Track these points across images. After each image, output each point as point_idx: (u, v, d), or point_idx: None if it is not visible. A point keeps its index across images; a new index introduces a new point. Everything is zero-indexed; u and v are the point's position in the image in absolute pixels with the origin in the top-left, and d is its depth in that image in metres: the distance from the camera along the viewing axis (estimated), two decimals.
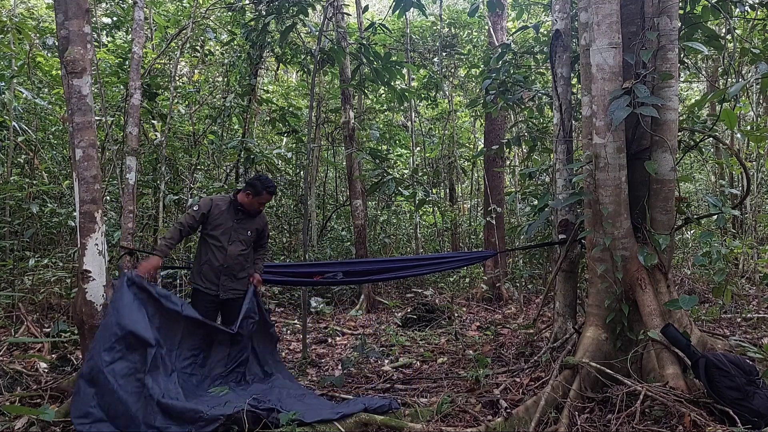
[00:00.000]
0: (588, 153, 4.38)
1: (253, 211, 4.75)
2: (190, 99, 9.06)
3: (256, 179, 4.75)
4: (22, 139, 7.49)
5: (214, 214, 4.67)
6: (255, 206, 4.73)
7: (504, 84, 6.61)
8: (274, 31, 7.84)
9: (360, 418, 3.71)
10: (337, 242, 11.53)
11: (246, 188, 4.75)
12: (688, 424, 3.32)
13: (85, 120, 4.27)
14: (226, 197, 4.83)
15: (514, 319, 7.76)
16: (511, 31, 9.49)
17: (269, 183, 4.74)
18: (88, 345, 4.32)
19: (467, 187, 14.80)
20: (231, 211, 4.72)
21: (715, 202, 4.68)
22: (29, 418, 3.83)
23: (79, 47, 4.23)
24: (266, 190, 4.69)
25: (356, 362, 5.42)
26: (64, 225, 7.56)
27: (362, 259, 8.27)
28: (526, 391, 4.32)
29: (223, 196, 4.87)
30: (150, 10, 9.03)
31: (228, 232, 4.66)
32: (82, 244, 4.25)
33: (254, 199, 4.69)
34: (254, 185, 4.69)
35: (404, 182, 7.56)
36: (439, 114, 13.01)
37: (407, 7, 6.36)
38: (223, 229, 4.66)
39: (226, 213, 4.70)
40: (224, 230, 4.66)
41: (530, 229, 5.90)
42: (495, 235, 9.10)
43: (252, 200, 4.69)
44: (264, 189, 4.68)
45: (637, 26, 4.42)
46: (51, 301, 6.81)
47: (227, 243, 4.65)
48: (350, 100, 9.12)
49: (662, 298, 4.20)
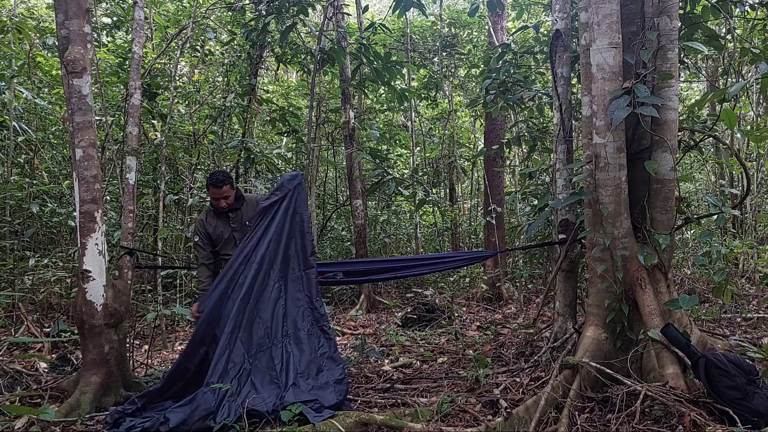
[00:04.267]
0: (588, 153, 4.38)
1: (223, 209, 4.62)
2: (190, 99, 9.06)
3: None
4: (22, 139, 7.49)
5: (211, 232, 4.64)
6: (218, 204, 4.61)
7: (504, 84, 6.61)
8: (274, 31, 7.83)
9: (360, 418, 3.71)
10: (337, 242, 11.54)
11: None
12: (688, 423, 3.32)
13: (85, 120, 4.28)
14: (205, 212, 4.77)
15: (514, 318, 7.76)
16: (511, 31, 9.48)
17: (212, 176, 4.61)
18: (88, 345, 4.33)
19: (467, 187, 14.80)
20: (221, 217, 4.67)
21: (715, 202, 4.68)
22: (29, 418, 3.83)
23: (79, 47, 4.23)
24: (209, 184, 4.58)
25: (356, 362, 5.42)
26: (64, 225, 7.56)
27: (362, 259, 8.26)
28: (526, 391, 4.31)
29: (203, 212, 4.81)
30: (150, 10, 9.02)
31: (230, 239, 4.62)
32: (82, 244, 4.25)
33: (211, 198, 4.64)
34: (206, 186, 4.71)
35: (404, 182, 7.56)
36: (439, 114, 13.01)
37: (407, 7, 6.36)
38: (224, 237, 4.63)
39: (219, 224, 4.65)
40: (227, 240, 4.63)
41: (530, 229, 5.91)
42: (495, 235, 9.10)
43: (211, 200, 4.65)
44: (208, 185, 4.61)
45: (637, 26, 4.42)
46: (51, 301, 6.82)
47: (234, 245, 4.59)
48: (350, 100, 9.12)
49: (662, 298, 4.20)
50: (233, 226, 4.67)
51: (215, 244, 4.68)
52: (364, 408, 4.19)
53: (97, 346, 4.32)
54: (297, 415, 3.77)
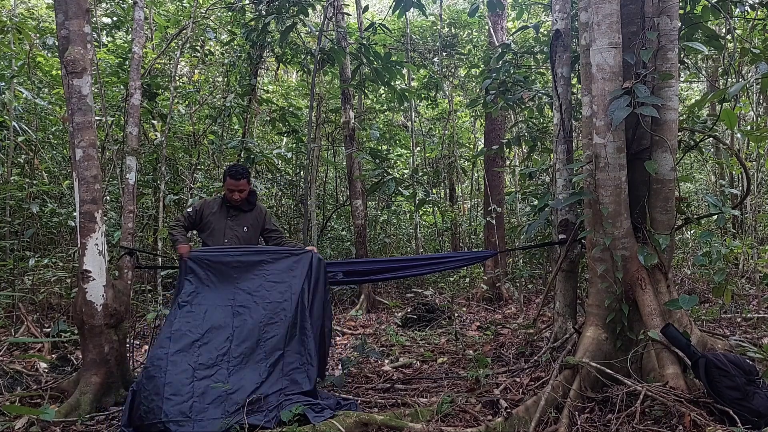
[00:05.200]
0: (588, 153, 4.38)
1: (236, 203, 4.73)
2: (190, 99, 9.06)
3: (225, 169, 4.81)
4: (22, 139, 7.49)
5: (205, 214, 4.74)
6: (231, 195, 4.70)
7: (504, 84, 6.61)
8: (274, 31, 7.83)
9: (360, 418, 3.71)
10: (337, 242, 11.53)
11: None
12: (688, 424, 3.32)
13: (85, 120, 4.28)
14: (216, 198, 4.89)
15: (514, 319, 7.76)
16: (511, 31, 9.48)
17: (231, 168, 4.73)
18: (88, 345, 4.33)
19: (467, 187, 14.79)
20: (223, 210, 4.77)
21: (715, 202, 4.68)
22: (29, 418, 3.83)
23: (79, 47, 4.23)
24: (228, 174, 4.68)
25: (356, 362, 5.42)
26: (64, 225, 7.56)
27: (362, 259, 8.26)
28: (526, 391, 4.32)
29: (215, 198, 4.93)
30: (150, 10, 9.02)
31: (221, 231, 4.70)
32: (82, 244, 4.25)
33: (226, 188, 4.73)
34: (223, 175, 4.77)
35: (404, 182, 7.56)
36: (439, 114, 13.01)
37: (407, 7, 6.37)
38: (214, 229, 4.70)
39: (218, 213, 4.75)
40: (217, 230, 4.70)
41: (530, 229, 5.91)
42: (495, 235, 9.09)
43: (226, 191, 4.74)
44: (226, 175, 4.69)
45: (637, 26, 4.42)
46: (51, 301, 6.82)
47: (222, 241, 4.67)
48: (350, 100, 9.12)
49: (662, 298, 4.20)
50: (230, 222, 4.74)
51: (203, 228, 4.75)
52: (364, 408, 4.19)
53: (97, 346, 4.32)
54: (297, 415, 3.78)
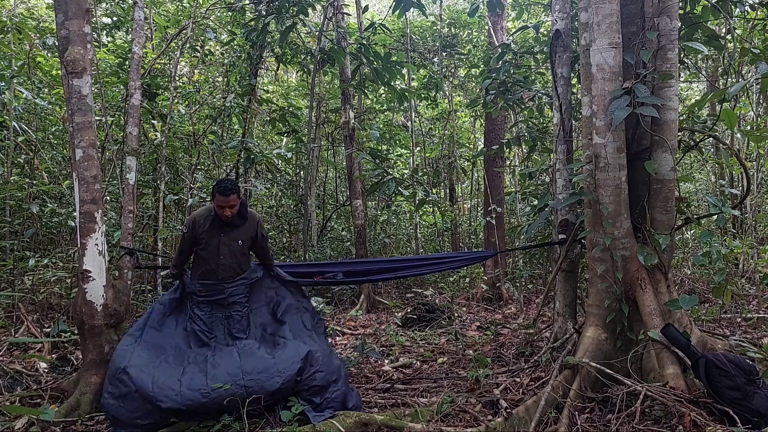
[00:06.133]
0: (588, 153, 4.38)
1: (227, 219, 4.33)
2: (190, 99, 9.06)
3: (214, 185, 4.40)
4: (22, 139, 7.49)
5: (198, 232, 4.39)
6: (222, 213, 4.30)
7: (504, 84, 6.61)
8: (274, 31, 7.83)
9: (360, 418, 3.72)
10: (337, 242, 11.53)
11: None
12: (688, 424, 3.32)
13: (85, 120, 4.28)
14: (206, 212, 4.46)
15: (514, 319, 7.76)
16: (511, 31, 9.48)
17: (220, 183, 4.32)
18: (88, 345, 4.33)
19: (467, 187, 14.80)
20: (216, 226, 4.39)
21: (715, 202, 4.68)
22: (29, 418, 3.84)
23: (79, 47, 4.23)
24: (217, 191, 4.27)
25: (356, 362, 5.42)
26: (64, 225, 7.56)
27: (362, 259, 8.26)
28: (526, 391, 4.32)
29: (205, 210, 4.50)
30: (150, 10, 9.03)
31: (216, 247, 4.39)
32: (82, 244, 4.25)
33: (216, 205, 4.32)
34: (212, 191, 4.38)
35: (404, 182, 7.56)
36: (439, 114, 13.01)
37: (407, 7, 6.37)
38: (209, 245, 4.39)
39: (210, 230, 4.39)
40: (211, 246, 4.39)
41: (530, 229, 5.91)
42: (495, 235, 9.09)
43: (216, 207, 4.33)
44: (215, 191, 4.28)
45: (637, 26, 4.42)
46: (51, 301, 6.82)
47: (218, 257, 4.39)
48: (350, 100, 9.11)
49: (662, 298, 4.20)
50: (224, 238, 4.41)
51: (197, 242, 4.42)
52: (364, 408, 4.19)
53: (97, 346, 4.32)
54: (297, 415, 3.78)
